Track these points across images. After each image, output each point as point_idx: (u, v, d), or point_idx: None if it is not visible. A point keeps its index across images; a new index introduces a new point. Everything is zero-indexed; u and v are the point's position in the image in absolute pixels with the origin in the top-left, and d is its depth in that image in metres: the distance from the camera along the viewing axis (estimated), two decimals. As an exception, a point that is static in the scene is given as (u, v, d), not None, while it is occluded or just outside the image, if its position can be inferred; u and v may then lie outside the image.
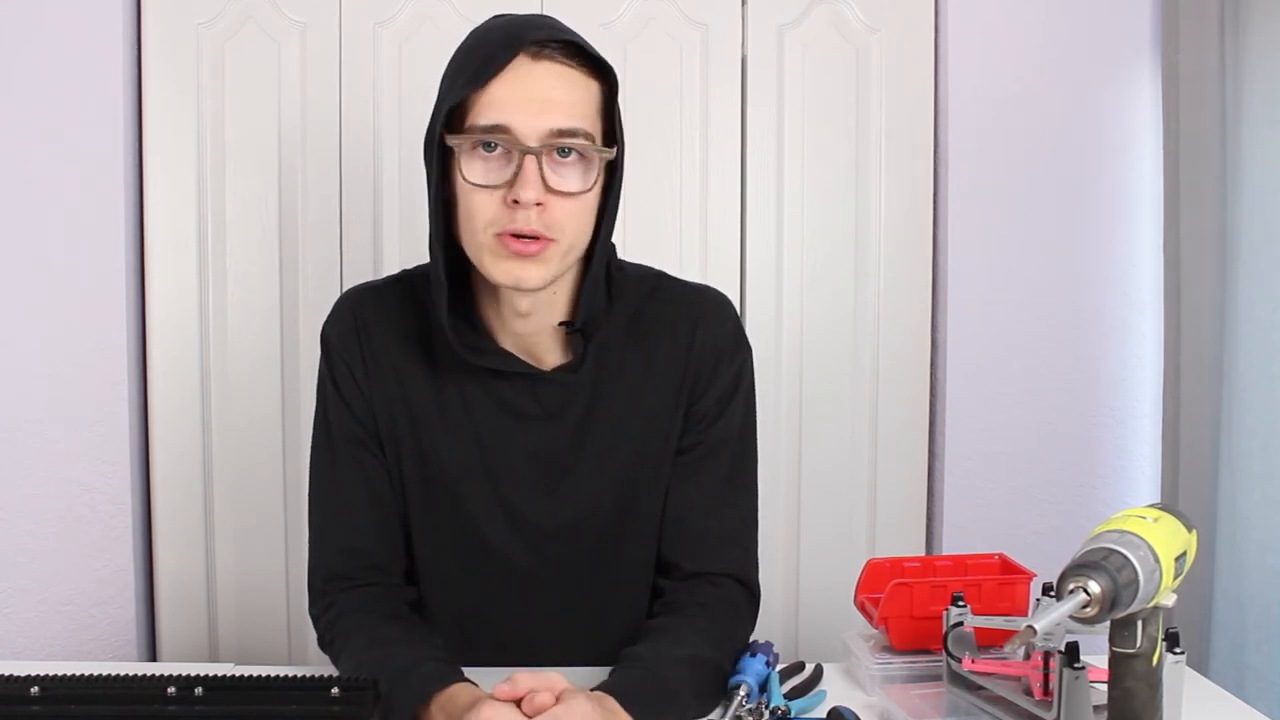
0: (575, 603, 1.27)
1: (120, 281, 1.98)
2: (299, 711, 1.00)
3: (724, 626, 1.20)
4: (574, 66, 1.11)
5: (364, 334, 1.24)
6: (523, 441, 1.22)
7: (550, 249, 1.11)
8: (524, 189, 1.07)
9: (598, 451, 1.23)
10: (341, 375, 1.24)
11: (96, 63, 1.96)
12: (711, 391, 1.25)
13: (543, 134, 1.08)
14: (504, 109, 1.08)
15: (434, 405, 1.22)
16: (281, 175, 2.02)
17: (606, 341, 1.22)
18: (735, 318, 1.29)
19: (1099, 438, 2.12)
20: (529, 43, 1.09)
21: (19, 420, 1.98)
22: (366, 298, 1.27)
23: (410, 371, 1.23)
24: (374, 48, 2.02)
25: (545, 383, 1.22)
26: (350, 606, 1.21)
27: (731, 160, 2.07)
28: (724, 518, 1.26)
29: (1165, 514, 0.96)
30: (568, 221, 1.11)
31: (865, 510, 2.14)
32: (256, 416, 2.04)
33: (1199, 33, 1.93)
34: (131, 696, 1.03)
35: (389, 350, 1.23)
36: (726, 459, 1.26)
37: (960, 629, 1.13)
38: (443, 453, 1.23)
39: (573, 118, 1.09)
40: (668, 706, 1.07)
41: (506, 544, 1.24)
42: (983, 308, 2.10)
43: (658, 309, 1.25)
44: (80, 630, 2.01)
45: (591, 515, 1.25)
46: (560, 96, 1.09)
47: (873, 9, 2.08)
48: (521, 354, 1.22)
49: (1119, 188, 2.10)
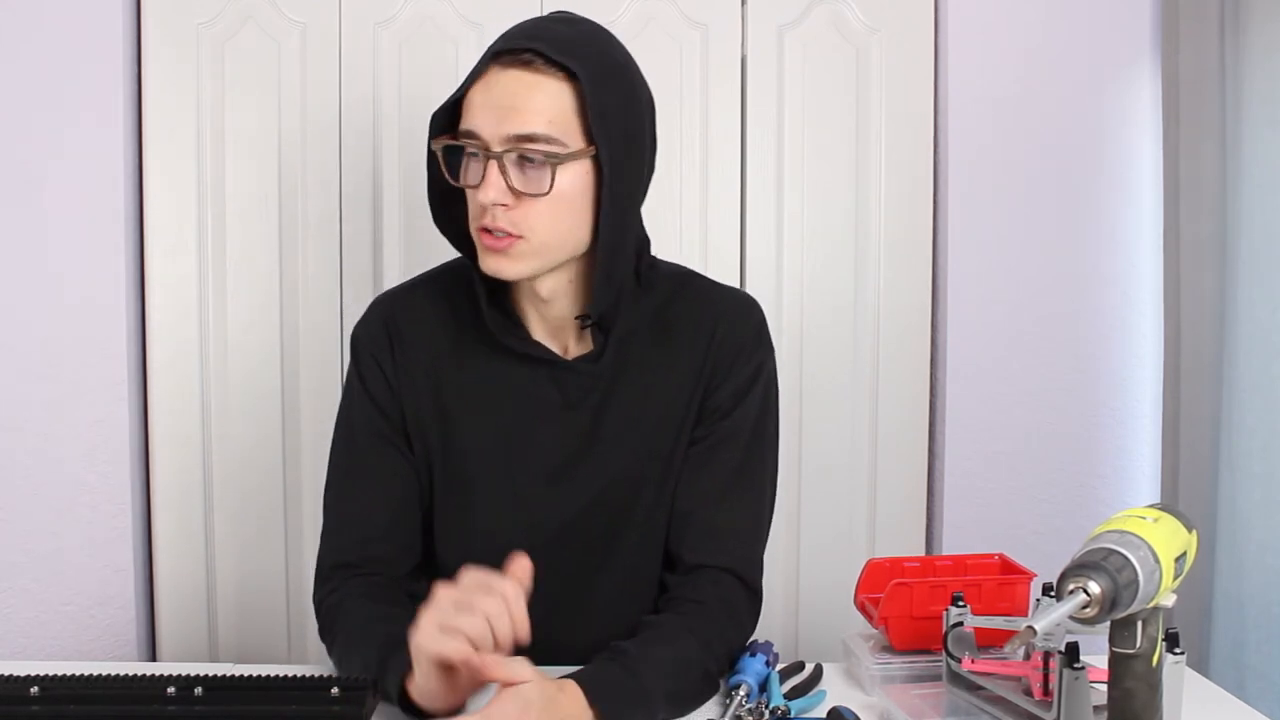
0: (583, 592, 1.28)
1: (120, 282, 1.98)
2: (299, 711, 1.00)
3: (717, 627, 1.19)
4: (543, 72, 1.15)
5: (394, 333, 1.29)
6: (543, 430, 1.26)
7: (519, 245, 1.16)
8: (485, 191, 1.14)
9: (611, 440, 1.26)
10: (370, 372, 1.29)
11: (96, 63, 1.95)
12: (727, 385, 1.27)
13: (503, 139, 1.14)
14: (473, 116, 1.16)
15: (461, 396, 1.27)
16: (281, 175, 2.02)
17: (630, 334, 1.26)
18: (760, 318, 1.32)
19: (1099, 438, 2.12)
20: (502, 52, 1.16)
21: (19, 420, 1.98)
22: (397, 299, 1.33)
23: (439, 365, 1.28)
24: (374, 48, 2.02)
25: (566, 370, 1.26)
26: (352, 592, 1.23)
27: (731, 160, 2.07)
28: (728, 512, 1.26)
29: (1165, 514, 0.96)
30: (536, 220, 1.16)
31: (865, 510, 2.14)
32: (256, 416, 2.04)
33: (1199, 33, 1.93)
34: (131, 696, 1.03)
35: (419, 346, 1.28)
36: (736, 453, 1.27)
37: (960, 629, 1.13)
38: (466, 442, 1.27)
39: (531, 124, 1.14)
40: (637, 705, 1.07)
41: (520, 531, 1.25)
42: (983, 308, 2.10)
43: (684, 304, 1.29)
44: (80, 630, 2.00)
45: (602, 504, 1.26)
46: (520, 104, 1.14)
47: (873, 9, 2.08)
48: (551, 343, 1.27)
49: (1119, 188, 2.10)
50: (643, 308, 1.27)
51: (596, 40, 1.20)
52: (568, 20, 1.21)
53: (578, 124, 1.16)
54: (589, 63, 1.16)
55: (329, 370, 2.04)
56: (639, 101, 1.21)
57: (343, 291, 2.03)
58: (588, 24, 1.22)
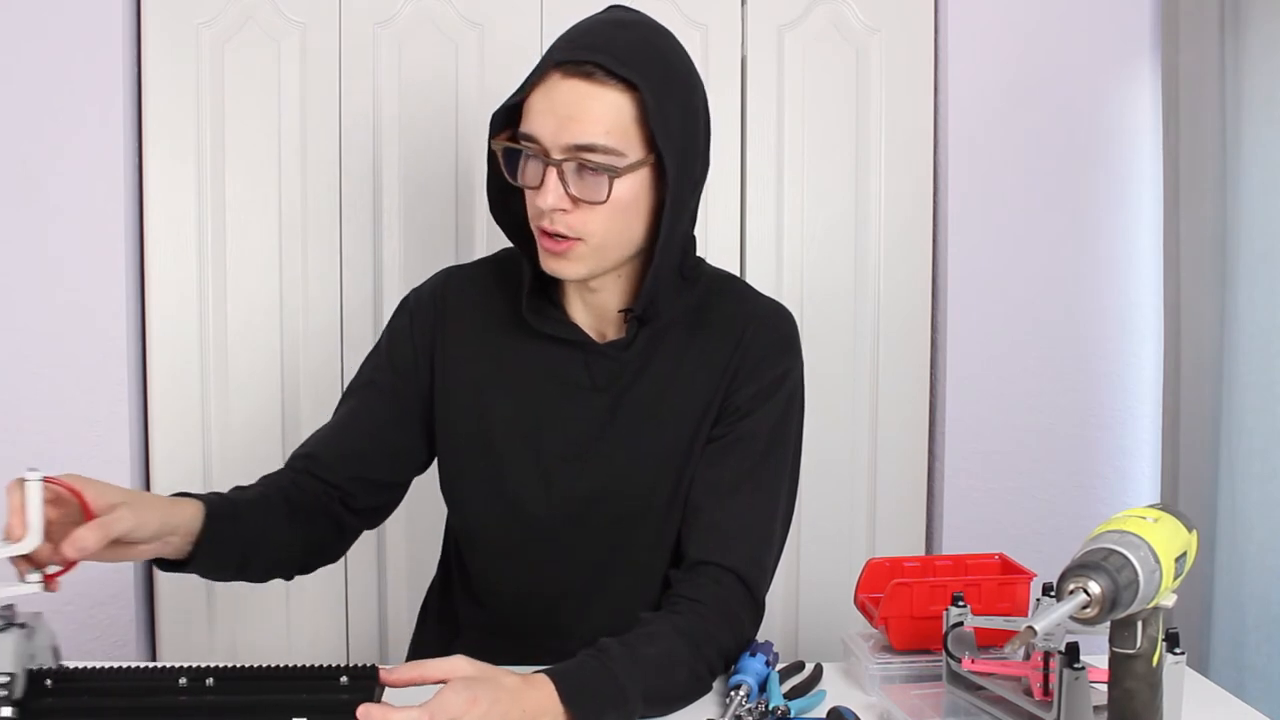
0: (595, 576, 1.30)
1: (120, 281, 1.98)
2: (308, 701, 1.01)
3: (710, 629, 1.18)
4: (604, 84, 1.16)
5: (442, 306, 1.35)
6: (567, 409, 1.29)
7: (577, 248, 1.20)
8: (544, 197, 1.17)
9: (630, 423, 1.28)
10: (400, 330, 1.36)
11: (96, 63, 1.95)
12: (749, 386, 1.28)
13: (563, 148, 1.17)
14: (533, 121, 1.18)
15: (497, 371, 1.32)
16: (281, 175, 2.02)
17: (665, 327, 1.29)
18: (792, 329, 1.34)
19: (1099, 438, 2.12)
20: (561, 62, 1.17)
21: (19, 420, 1.98)
22: (455, 276, 1.40)
23: (481, 340, 1.33)
24: (374, 48, 2.02)
25: (598, 355, 1.29)
26: (268, 478, 1.32)
27: (731, 160, 2.07)
28: (736, 511, 1.26)
29: (1165, 514, 0.96)
30: (594, 225, 1.19)
31: (865, 510, 2.14)
32: (256, 416, 2.04)
33: (1199, 33, 1.93)
34: (143, 689, 1.05)
35: (464, 321, 1.34)
36: (751, 455, 1.27)
37: (960, 629, 1.13)
38: (496, 414, 1.31)
39: (590, 134, 1.16)
40: (610, 702, 1.07)
41: (537, 506, 1.30)
42: (983, 308, 2.10)
43: (720, 304, 1.33)
44: (80, 630, 2.00)
45: (620, 485, 1.28)
46: (579, 114, 1.16)
47: (873, 9, 2.08)
48: (591, 328, 1.31)
49: (1119, 188, 2.10)
50: (681, 303, 1.30)
51: (657, 46, 1.21)
52: (626, 24, 1.21)
53: (637, 133, 1.18)
54: (651, 72, 1.18)
55: (329, 370, 2.04)
56: (697, 107, 1.24)
57: (343, 291, 2.03)
58: (646, 25, 1.23)
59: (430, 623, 1.46)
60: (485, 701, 0.97)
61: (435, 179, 2.05)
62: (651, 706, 1.11)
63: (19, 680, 1.01)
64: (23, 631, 1.03)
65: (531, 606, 1.33)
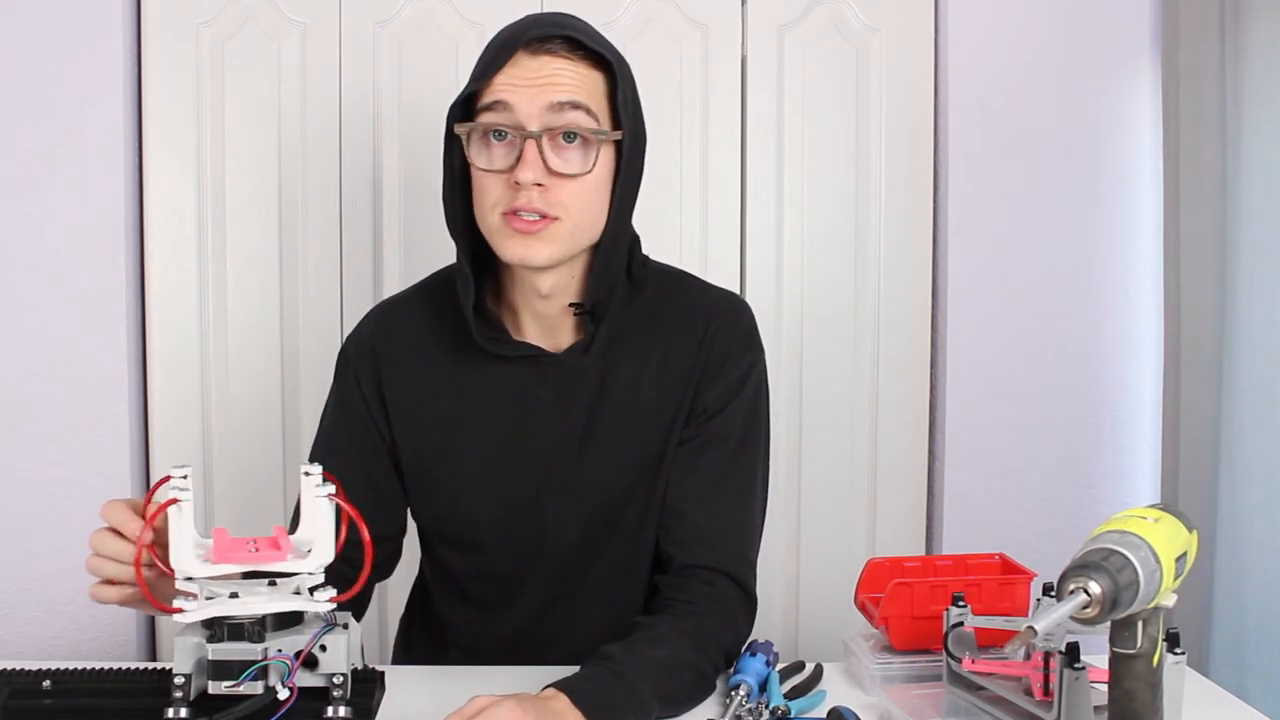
0: (579, 587, 1.29)
1: (120, 281, 1.98)
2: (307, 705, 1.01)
3: (709, 628, 1.19)
4: (574, 59, 1.16)
5: (381, 350, 1.30)
6: (537, 429, 1.26)
7: (554, 227, 1.16)
8: (523, 170, 1.13)
9: (605, 439, 1.26)
10: (346, 386, 1.31)
11: (96, 62, 1.95)
12: (716, 386, 1.27)
13: (543, 108, 1.14)
14: (506, 93, 1.15)
15: (457, 401, 1.27)
16: (281, 175, 2.02)
17: (622, 331, 1.26)
18: (751, 321, 1.32)
19: (1099, 438, 2.12)
20: (528, 40, 1.15)
21: (19, 420, 1.98)
22: (387, 311, 1.34)
23: (432, 374, 1.28)
24: (374, 48, 2.02)
25: (555, 365, 1.26)
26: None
27: (731, 160, 2.07)
28: (720, 512, 1.26)
29: (1165, 514, 0.96)
30: (571, 201, 1.16)
31: (865, 510, 2.14)
32: (256, 416, 2.04)
33: (1199, 33, 1.93)
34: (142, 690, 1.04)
35: (407, 360, 1.29)
36: (725, 454, 1.27)
37: (960, 629, 1.13)
38: (463, 445, 1.27)
39: (573, 92, 1.15)
40: (628, 709, 1.07)
41: (520, 529, 1.27)
42: (982, 307, 2.10)
43: (676, 304, 1.30)
44: (80, 630, 2.01)
45: (598, 500, 1.26)
46: (558, 79, 1.15)
47: (873, 9, 2.08)
48: (543, 340, 1.27)
49: (1119, 187, 2.10)
50: (635, 306, 1.27)
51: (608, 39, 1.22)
52: (575, 17, 1.22)
53: (607, 110, 1.18)
54: (614, 53, 1.19)
55: (329, 369, 2.03)
56: (640, 103, 1.24)
57: (343, 291, 2.03)
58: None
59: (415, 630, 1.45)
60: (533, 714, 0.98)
61: (435, 178, 2.04)
62: (666, 706, 1.11)
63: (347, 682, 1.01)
64: (346, 632, 1.03)
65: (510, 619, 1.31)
